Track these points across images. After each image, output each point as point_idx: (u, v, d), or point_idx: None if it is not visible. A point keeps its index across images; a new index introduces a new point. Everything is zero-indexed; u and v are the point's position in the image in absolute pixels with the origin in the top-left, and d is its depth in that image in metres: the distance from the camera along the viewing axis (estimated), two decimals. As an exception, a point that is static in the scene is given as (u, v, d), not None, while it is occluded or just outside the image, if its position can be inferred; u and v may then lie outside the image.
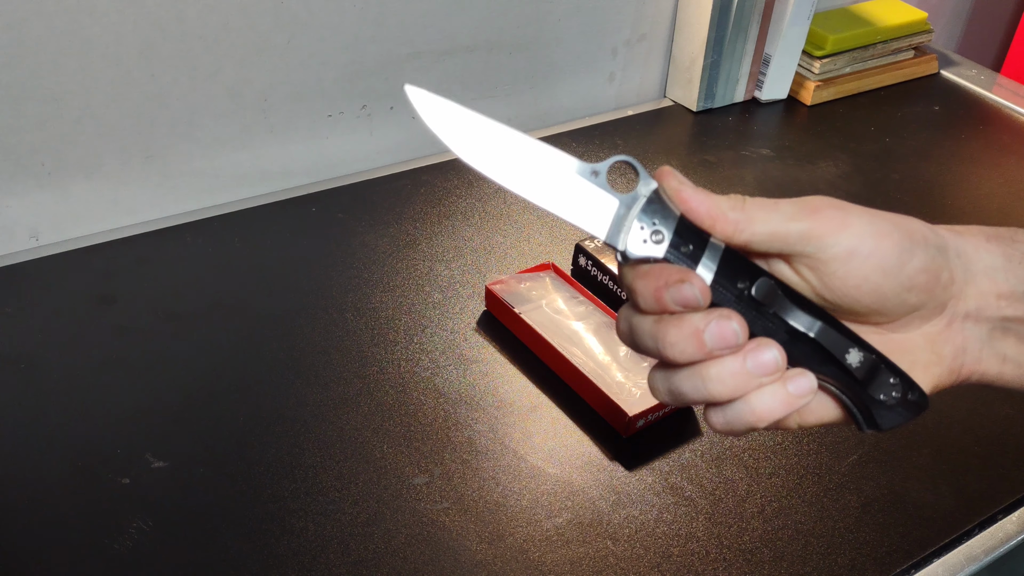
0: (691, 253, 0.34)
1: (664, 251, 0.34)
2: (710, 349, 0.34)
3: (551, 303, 0.75)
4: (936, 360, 0.37)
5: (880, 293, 0.35)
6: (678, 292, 0.33)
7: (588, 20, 1.04)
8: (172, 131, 0.85)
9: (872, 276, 0.35)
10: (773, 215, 0.35)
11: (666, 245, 0.34)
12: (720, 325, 0.33)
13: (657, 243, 0.35)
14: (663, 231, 0.34)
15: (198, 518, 0.60)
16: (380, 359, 0.72)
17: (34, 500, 0.60)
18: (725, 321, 0.33)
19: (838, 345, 0.35)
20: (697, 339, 0.33)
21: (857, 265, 0.35)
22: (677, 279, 0.33)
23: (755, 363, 0.34)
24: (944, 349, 0.37)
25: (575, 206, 0.35)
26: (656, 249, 0.34)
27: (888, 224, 0.35)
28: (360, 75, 0.92)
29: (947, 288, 0.36)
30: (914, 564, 0.61)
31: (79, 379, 0.69)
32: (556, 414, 0.69)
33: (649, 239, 0.35)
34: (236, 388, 0.69)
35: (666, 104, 1.13)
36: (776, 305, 0.35)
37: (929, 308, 0.36)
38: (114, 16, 0.77)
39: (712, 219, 0.35)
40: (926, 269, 0.35)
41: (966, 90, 1.21)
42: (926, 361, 0.37)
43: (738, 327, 0.34)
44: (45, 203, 0.83)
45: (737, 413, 0.35)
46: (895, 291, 0.35)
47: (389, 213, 0.89)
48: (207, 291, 0.78)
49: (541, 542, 0.60)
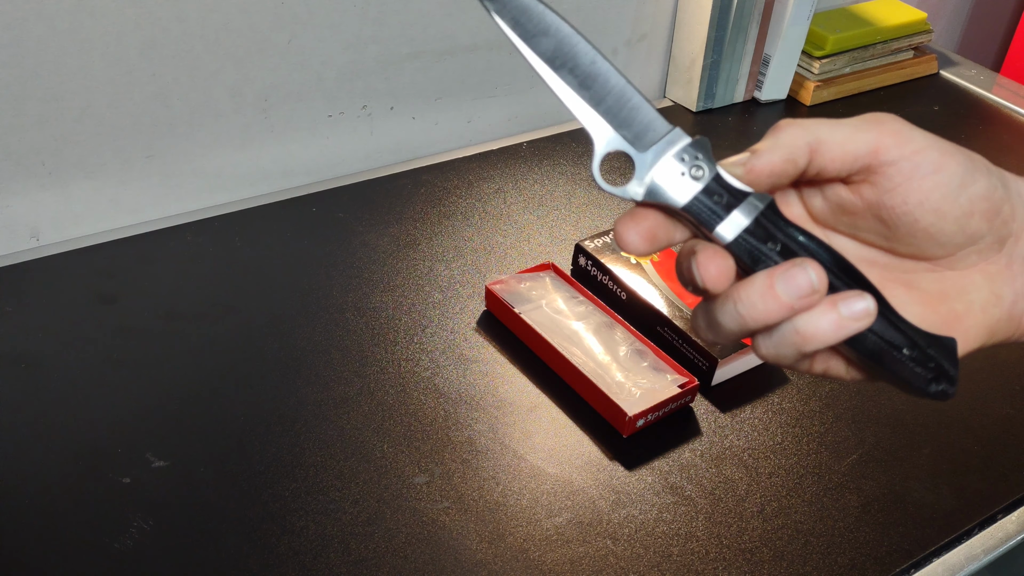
0: (726, 201, 0.33)
1: (705, 183, 0.33)
2: (787, 304, 0.32)
3: (551, 303, 0.75)
4: (995, 300, 0.36)
5: (940, 213, 0.34)
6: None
7: (588, 20, 1.04)
8: (173, 131, 0.85)
9: (934, 193, 0.34)
10: (838, 129, 0.34)
11: (705, 180, 0.33)
12: (791, 275, 0.32)
13: (696, 179, 0.33)
14: (704, 168, 0.33)
15: (198, 518, 0.60)
16: (380, 359, 0.72)
17: (35, 499, 0.60)
18: (795, 268, 0.32)
19: (891, 313, 0.33)
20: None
21: (920, 180, 0.33)
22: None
23: (786, 285, 0.31)
24: (1004, 289, 0.36)
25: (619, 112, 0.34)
26: (694, 185, 0.33)
27: (951, 145, 0.34)
28: (360, 75, 0.92)
29: (1007, 223, 0.35)
30: (914, 564, 0.61)
31: (79, 379, 0.69)
32: (556, 414, 0.69)
33: (687, 174, 0.33)
34: (236, 388, 0.69)
35: (666, 104, 1.13)
36: (834, 266, 0.33)
37: (988, 241, 0.35)
38: (115, 16, 0.77)
39: (793, 158, 0.34)
40: (988, 196, 0.34)
41: (966, 90, 1.21)
42: (984, 302, 0.36)
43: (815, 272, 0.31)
44: (46, 202, 0.83)
45: (782, 336, 0.32)
46: (955, 214, 0.34)
47: (389, 213, 0.89)
48: (207, 291, 0.78)
49: (541, 542, 0.60)
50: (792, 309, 0.32)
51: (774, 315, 0.32)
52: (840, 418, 0.70)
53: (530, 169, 0.98)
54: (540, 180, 0.96)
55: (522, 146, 1.02)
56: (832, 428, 0.70)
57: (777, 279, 0.31)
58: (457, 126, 1.03)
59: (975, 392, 0.74)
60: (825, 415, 0.71)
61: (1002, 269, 0.36)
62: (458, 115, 1.02)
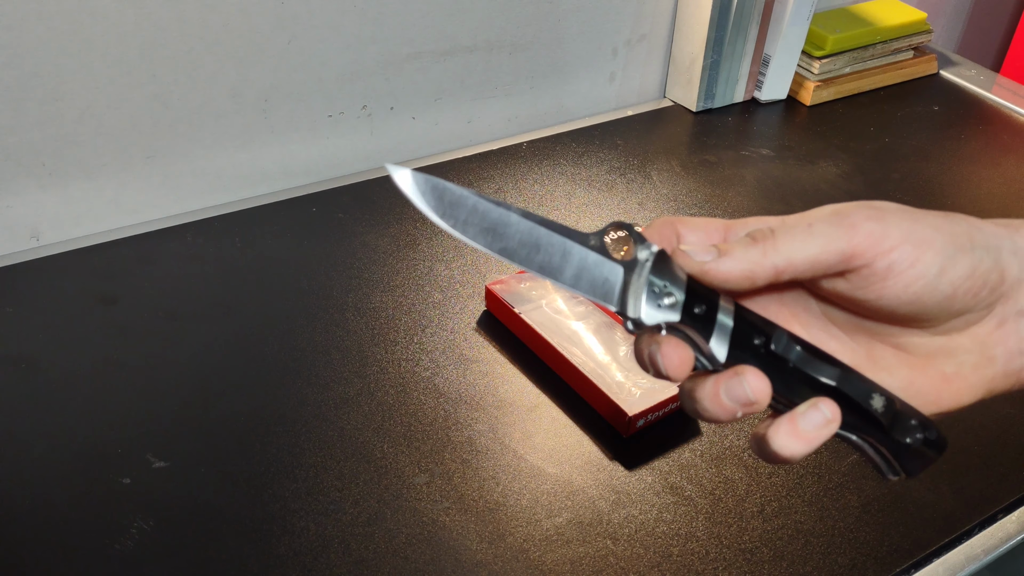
0: (705, 314, 0.33)
1: (679, 315, 0.33)
2: (732, 409, 0.33)
3: (551, 303, 0.75)
4: (986, 362, 0.35)
5: (919, 302, 0.33)
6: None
7: (588, 20, 1.04)
8: (173, 131, 0.85)
9: (911, 287, 0.33)
10: (809, 244, 0.33)
11: (680, 309, 0.33)
12: (731, 385, 0.33)
13: (671, 307, 0.33)
14: (674, 294, 0.33)
15: (198, 518, 0.60)
16: (380, 359, 0.72)
17: (34, 500, 0.60)
18: (735, 379, 0.33)
19: (861, 391, 0.34)
20: (718, 401, 0.34)
21: (895, 278, 0.33)
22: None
23: (727, 394, 0.33)
24: (995, 351, 0.35)
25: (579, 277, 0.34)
26: (670, 314, 0.33)
27: (929, 230, 0.33)
28: (360, 75, 0.92)
29: (995, 289, 0.34)
30: (914, 564, 0.61)
31: (79, 379, 0.69)
32: (556, 414, 0.69)
33: (664, 304, 0.33)
34: (236, 388, 0.69)
35: (666, 104, 1.13)
36: (795, 357, 0.34)
37: (976, 312, 0.35)
38: (115, 16, 0.77)
39: (752, 279, 0.33)
40: (971, 275, 0.33)
41: (966, 90, 1.21)
42: (974, 363, 0.35)
43: (749, 385, 0.33)
44: (46, 203, 0.83)
45: (760, 449, 0.35)
46: (936, 300, 0.33)
47: (389, 213, 0.89)
48: (207, 291, 0.78)
49: (541, 542, 0.60)
50: (736, 415, 0.33)
51: (724, 417, 0.34)
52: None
53: (530, 169, 0.98)
54: (540, 180, 0.96)
55: (522, 146, 1.02)
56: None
57: (722, 387, 0.33)
58: (457, 126, 1.03)
59: (975, 392, 0.74)
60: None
61: (992, 331, 0.35)
62: (458, 115, 1.02)
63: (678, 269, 0.34)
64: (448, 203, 0.34)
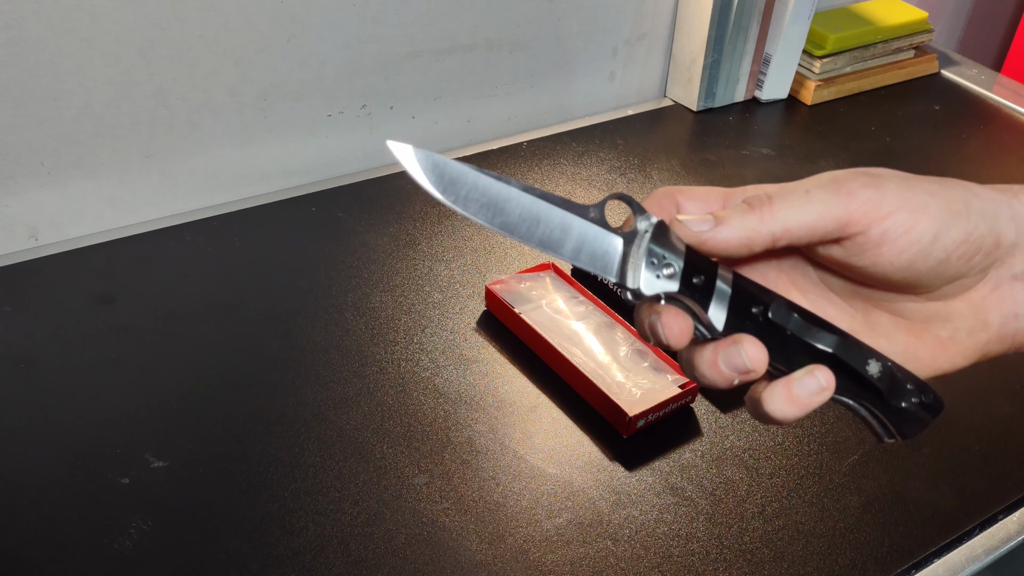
0: (704, 284, 0.34)
1: (678, 285, 0.33)
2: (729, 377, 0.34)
3: (551, 303, 0.75)
4: (981, 326, 0.36)
5: (913, 268, 0.34)
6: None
7: (588, 19, 1.04)
8: (172, 130, 0.85)
9: (905, 253, 0.33)
10: (807, 210, 0.33)
11: (679, 279, 0.33)
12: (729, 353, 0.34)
13: (670, 277, 0.34)
14: (673, 264, 0.34)
15: (198, 518, 0.59)
16: (380, 359, 0.72)
17: (34, 500, 0.60)
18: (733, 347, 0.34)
19: (857, 358, 0.34)
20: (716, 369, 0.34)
21: (889, 245, 0.33)
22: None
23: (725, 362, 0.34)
24: (990, 315, 0.36)
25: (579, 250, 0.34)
26: (669, 284, 0.33)
27: (925, 196, 0.33)
28: (360, 75, 0.92)
29: (989, 254, 0.34)
30: (915, 564, 0.60)
31: (79, 379, 0.69)
32: (556, 414, 0.69)
33: (662, 275, 0.34)
34: (236, 388, 0.69)
35: (666, 103, 1.13)
36: (792, 325, 0.34)
37: (970, 276, 0.35)
38: (114, 15, 0.77)
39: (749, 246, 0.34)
40: (965, 240, 0.33)
41: (966, 89, 1.21)
42: (969, 328, 0.36)
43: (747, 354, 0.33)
44: (44, 202, 0.83)
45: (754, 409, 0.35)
46: (929, 264, 0.34)
47: (389, 213, 0.89)
48: (207, 291, 0.78)
49: (541, 542, 0.60)
50: (733, 382, 0.34)
51: (721, 383, 0.34)
52: (841, 418, 0.70)
53: (530, 169, 0.98)
54: (540, 180, 0.96)
55: (522, 146, 1.02)
56: (833, 428, 0.69)
57: (720, 354, 0.34)
58: (457, 125, 1.03)
59: (975, 391, 0.74)
60: (826, 415, 0.71)
61: (986, 295, 0.36)
62: (458, 114, 1.02)
63: (677, 239, 0.34)
64: (449, 179, 0.34)
